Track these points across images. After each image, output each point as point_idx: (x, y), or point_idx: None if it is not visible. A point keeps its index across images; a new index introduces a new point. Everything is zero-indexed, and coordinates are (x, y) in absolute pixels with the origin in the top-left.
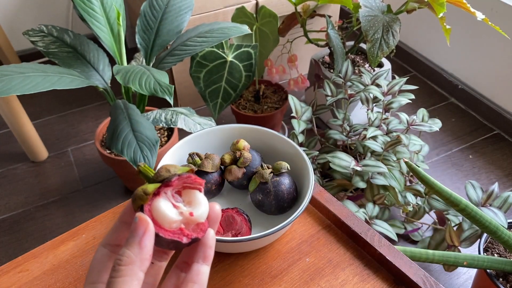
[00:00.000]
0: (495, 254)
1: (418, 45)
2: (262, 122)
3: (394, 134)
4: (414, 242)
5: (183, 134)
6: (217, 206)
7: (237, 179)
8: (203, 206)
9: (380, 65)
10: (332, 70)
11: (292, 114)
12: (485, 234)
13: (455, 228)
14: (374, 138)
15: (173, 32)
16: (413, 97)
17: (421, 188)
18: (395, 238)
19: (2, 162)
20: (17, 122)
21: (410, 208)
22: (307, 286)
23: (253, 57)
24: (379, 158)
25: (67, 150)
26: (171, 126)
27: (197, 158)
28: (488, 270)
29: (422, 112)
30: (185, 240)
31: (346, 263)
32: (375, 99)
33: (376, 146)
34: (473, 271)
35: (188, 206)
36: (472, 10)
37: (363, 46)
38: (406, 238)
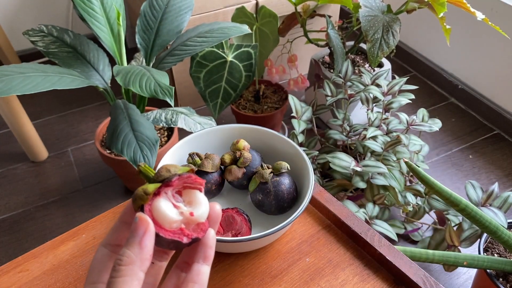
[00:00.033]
0: (495, 254)
1: (418, 45)
2: (262, 122)
3: (394, 134)
4: (414, 242)
5: (183, 134)
6: (217, 206)
7: (237, 179)
8: (204, 206)
9: (380, 65)
10: (332, 70)
11: (292, 114)
12: (485, 234)
13: (455, 228)
14: (374, 138)
15: (173, 32)
16: (413, 97)
17: (421, 188)
18: (395, 238)
19: (2, 162)
20: (17, 122)
21: (410, 208)
22: (307, 286)
23: (253, 57)
24: (379, 158)
25: (67, 150)
26: (172, 125)
27: (197, 158)
28: (488, 270)
29: (422, 112)
30: (185, 240)
31: (346, 263)
32: (375, 99)
33: (376, 146)
34: (473, 271)
35: (188, 206)
36: (472, 10)
37: (363, 46)
38: (406, 238)
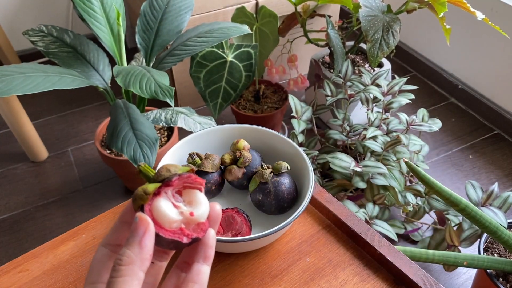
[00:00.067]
0: (495, 254)
1: (418, 45)
2: (262, 122)
3: (394, 134)
4: (414, 242)
5: (183, 134)
6: (217, 206)
7: (237, 179)
8: (204, 206)
9: (380, 65)
10: (332, 70)
11: (292, 114)
12: (485, 234)
13: (455, 228)
14: (374, 138)
15: (173, 32)
16: (413, 97)
17: (421, 188)
18: (395, 238)
19: (2, 162)
20: (17, 122)
21: (410, 208)
22: (307, 286)
23: (253, 57)
24: (379, 158)
25: (67, 150)
26: (171, 125)
27: (197, 158)
28: (488, 270)
29: (422, 112)
30: (185, 240)
31: (346, 263)
32: (375, 99)
33: (376, 146)
34: (473, 271)
35: (188, 206)
36: (472, 10)
37: (363, 46)
38: (406, 238)
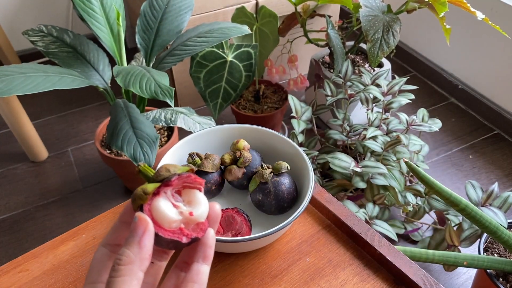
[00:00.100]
0: (495, 254)
1: (418, 45)
2: (262, 122)
3: (394, 134)
4: (414, 242)
5: (183, 134)
6: (217, 206)
7: (237, 179)
8: (203, 205)
9: (380, 65)
10: (332, 70)
11: (292, 114)
12: (485, 234)
13: (455, 228)
14: (374, 138)
15: (173, 32)
16: (413, 97)
17: (421, 188)
18: (395, 238)
19: (2, 162)
20: (17, 122)
21: (410, 208)
22: (307, 286)
23: (253, 57)
24: (379, 158)
25: (67, 150)
26: (171, 125)
27: (197, 158)
28: (488, 270)
29: (422, 112)
30: (184, 239)
31: (346, 263)
32: (375, 99)
33: (376, 146)
34: (473, 271)
35: (188, 206)
36: (472, 9)
37: (363, 46)
38: (406, 238)
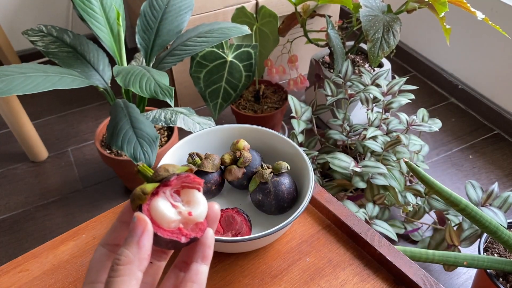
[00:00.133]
0: (495, 254)
1: (418, 45)
2: (262, 122)
3: (394, 134)
4: (414, 242)
5: (183, 134)
6: (216, 206)
7: (237, 179)
8: (202, 205)
9: (380, 65)
10: (332, 70)
11: (292, 114)
12: (485, 234)
13: (455, 228)
14: (374, 138)
15: (173, 32)
16: (413, 97)
17: (421, 188)
18: (395, 238)
19: (2, 162)
20: (17, 122)
21: (410, 208)
22: (307, 286)
23: (253, 57)
24: (379, 158)
25: (67, 150)
26: (171, 125)
27: (197, 158)
28: (488, 270)
29: (422, 112)
30: (183, 239)
31: (346, 263)
32: (375, 99)
33: (376, 146)
34: (473, 271)
35: (187, 206)
36: (472, 9)
37: (363, 46)
38: (406, 238)
